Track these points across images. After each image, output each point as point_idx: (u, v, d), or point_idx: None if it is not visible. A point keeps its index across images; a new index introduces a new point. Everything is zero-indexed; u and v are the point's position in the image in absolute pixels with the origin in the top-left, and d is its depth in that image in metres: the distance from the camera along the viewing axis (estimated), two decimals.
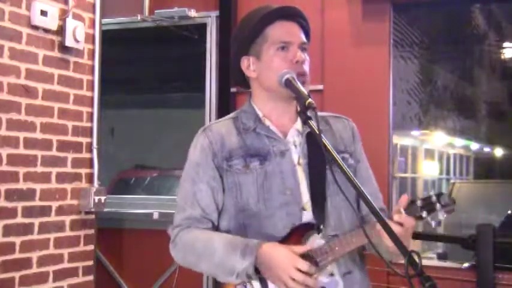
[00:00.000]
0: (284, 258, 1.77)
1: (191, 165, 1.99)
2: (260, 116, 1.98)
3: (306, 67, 1.94)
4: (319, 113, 2.05)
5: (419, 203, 1.73)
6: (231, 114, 2.05)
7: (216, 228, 1.96)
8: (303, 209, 1.89)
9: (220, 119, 2.07)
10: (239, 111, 2.04)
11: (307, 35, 2.00)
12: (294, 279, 1.75)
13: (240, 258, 1.81)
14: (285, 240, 1.85)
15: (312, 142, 1.91)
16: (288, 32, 1.94)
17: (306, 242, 1.85)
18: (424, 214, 1.72)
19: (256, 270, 1.81)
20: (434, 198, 1.72)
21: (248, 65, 1.98)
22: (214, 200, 1.94)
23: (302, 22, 1.98)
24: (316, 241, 1.86)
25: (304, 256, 1.80)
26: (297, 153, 1.94)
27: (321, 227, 1.86)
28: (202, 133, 2.00)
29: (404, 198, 1.75)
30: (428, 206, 1.73)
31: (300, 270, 1.75)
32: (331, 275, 1.87)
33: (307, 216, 1.89)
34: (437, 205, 1.72)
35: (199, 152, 1.97)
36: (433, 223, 1.74)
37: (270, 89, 1.94)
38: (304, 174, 1.92)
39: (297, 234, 1.86)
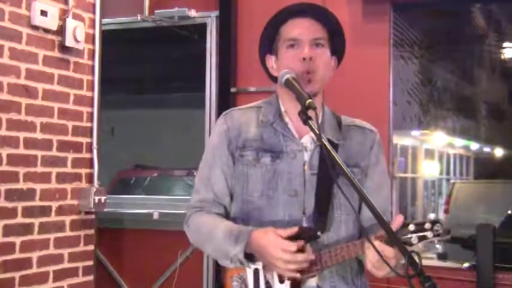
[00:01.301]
0: (270, 242, 1.79)
1: (209, 149, 2.03)
2: (282, 110, 1.98)
3: (317, 63, 1.91)
4: (347, 118, 2.06)
5: (412, 227, 1.70)
6: (257, 103, 2.06)
7: (228, 212, 2.00)
8: (304, 213, 1.90)
9: (244, 106, 2.08)
10: (265, 101, 2.04)
11: (332, 29, 1.97)
12: (282, 260, 1.77)
13: (233, 244, 1.84)
14: None
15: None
16: (297, 29, 1.93)
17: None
18: (415, 241, 1.69)
19: (251, 257, 1.84)
20: (428, 225, 1.70)
21: (272, 65, 2.01)
22: (227, 185, 1.97)
23: (318, 17, 1.95)
24: (309, 248, 1.86)
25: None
26: (306, 158, 1.94)
27: (318, 233, 1.86)
28: (222, 118, 2.04)
29: (399, 220, 1.71)
30: (421, 231, 1.70)
31: (287, 251, 1.77)
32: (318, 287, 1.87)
33: (307, 221, 1.90)
34: (429, 233, 1.70)
35: (217, 137, 2.00)
36: (420, 245, 1.71)
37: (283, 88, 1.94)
38: (309, 180, 1.92)
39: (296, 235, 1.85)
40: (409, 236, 1.70)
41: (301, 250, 1.80)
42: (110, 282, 4.51)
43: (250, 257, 1.85)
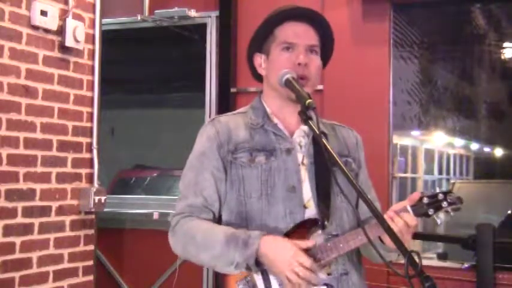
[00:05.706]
0: (288, 252, 1.77)
1: (196, 154, 1.99)
2: (269, 112, 1.99)
3: (311, 69, 1.93)
4: (326, 120, 2.08)
5: (425, 200, 1.78)
6: (241, 109, 2.07)
7: (217, 219, 1.95)
8: (305, 207, 1.90)
9: (229, 113, 2.09)
10: (249, 107, 2.05)
11: (324, 35, 1.99)
12: (297, 274, 1.75)
13: (241, 249, 1.80)
14: (288, 234, 1.85)
15: (318, 143, 1.92)
16: (294, 33, 1.94)
17: (310, 238, 1.85)
18: (431, 212, 1.77)
19: (257, 262, 1.80)
20: (441, 196, 1.77)
21: (260, 63, 2.01)
22: (217, 190, 1.94)
23: (314, 23, 1.97)
24: (319, 238, 1.86)
25: (307, 252, 1.80)
26: (301, 153, 1.95)
27: (326, 223, 1.86)
28: (210, 123, 2.02)
29: (415, 196, 1.79)
30: (435, 203, 1.77)
31: (303, 265, 1.75)
32: (329, 274, 1.88)
33: (309, 214, 1.90)
34: (444, 203, 1.77)
35: (205, 141, 1.97)
36: (438, 221, 1.77)
37: (275, 89, 1.95)
38: (307, 174, 1.93)
39: (301, 229, 1.86)
40: (425, 208, 1.78)
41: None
42: (110, 282, 4.52)
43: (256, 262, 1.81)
